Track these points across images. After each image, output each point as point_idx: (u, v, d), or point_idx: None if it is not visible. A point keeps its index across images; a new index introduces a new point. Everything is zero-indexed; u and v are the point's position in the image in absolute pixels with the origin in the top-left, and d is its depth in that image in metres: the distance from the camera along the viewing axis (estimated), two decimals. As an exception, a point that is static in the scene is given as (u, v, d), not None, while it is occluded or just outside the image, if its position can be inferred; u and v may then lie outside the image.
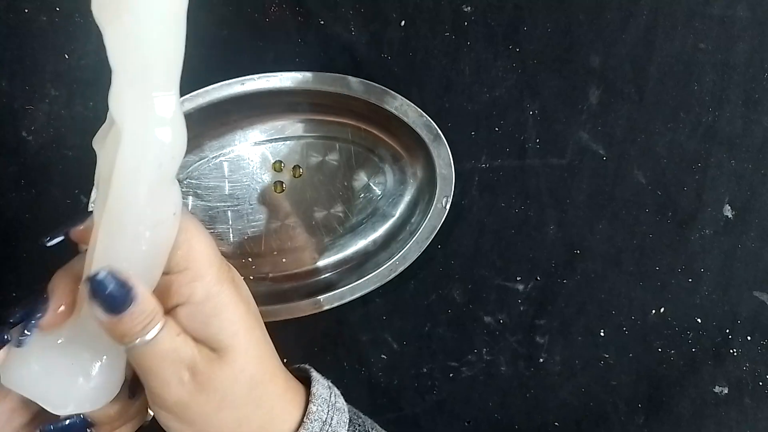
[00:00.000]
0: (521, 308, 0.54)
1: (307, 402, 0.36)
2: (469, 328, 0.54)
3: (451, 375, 0.55)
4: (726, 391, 0.55)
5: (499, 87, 0.52)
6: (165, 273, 0.32)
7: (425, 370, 0.55)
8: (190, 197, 0.52)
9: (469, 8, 0.52)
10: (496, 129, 0.53)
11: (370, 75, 0.49)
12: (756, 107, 0.53)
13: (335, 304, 0.51)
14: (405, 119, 0.49)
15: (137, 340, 0.31)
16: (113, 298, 0.30)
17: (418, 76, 0.52)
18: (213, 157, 0.52)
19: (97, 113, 0.51)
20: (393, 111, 0.49)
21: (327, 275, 0.53)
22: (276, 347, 0.37)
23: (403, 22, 0.51)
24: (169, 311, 0.33)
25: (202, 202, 0.52)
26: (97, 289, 0.30)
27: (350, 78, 0.49)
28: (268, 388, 0.35)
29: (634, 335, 0.54)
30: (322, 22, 0.51)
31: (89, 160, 0.51)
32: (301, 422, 0.35)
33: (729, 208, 0.54)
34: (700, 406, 0.55)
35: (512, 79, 0.52)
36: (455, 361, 0.55)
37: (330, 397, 0.37)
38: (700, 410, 0.55)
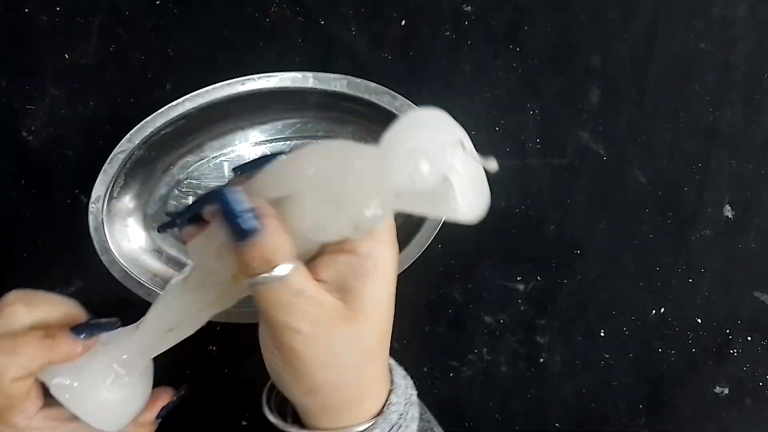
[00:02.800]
0: (521, 308, 0.54)
1: (389, 389, 0.36)
2: (469, 328, 0.54)
3: (451, 375, 0.55)
4: (726, 392, 0.55)
5: (500, 87, 0.52)
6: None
7: (425, 369, 0.55)
8: (191, 197, 0.52)
9: (469, 8, 0.52)
10: (497, 129, 0.53)
11: (370, 75, 0.49)
12: (756, 107, 0.53)
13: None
14: (405, 119, 0.49)
15: (260, 276, 0.30)
16: (240, 220, 0.30)
17: (418, 75, 0.52)
18: (213, 157, 0.52)
19: (98, 113, 0.51)
20: (393, 111, 0.49)
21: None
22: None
23: (403, 22, 0.52)
24: (329, 254, 0.33)
25: (203, 202, 0.52)
26: (226, 206, 0.30)
27: (350, 78, 0.49)
28: (374, 364, 0.34)
29: (634, 335, 0.54)
30: (322, 22, 0.51)
31: (90, 160, 0.51)
32: (382, 410, 0.35)
33: (729, 208, 0.54)
34: (700, 406, 0.55)
35: (513, 79, 0.52)
36: (455, 361, 0.55)
37: (407, 388, 0.37)
38: (700, 410, 0.55)
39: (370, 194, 0.30)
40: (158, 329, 0.35)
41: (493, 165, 0.31)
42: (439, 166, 0.29)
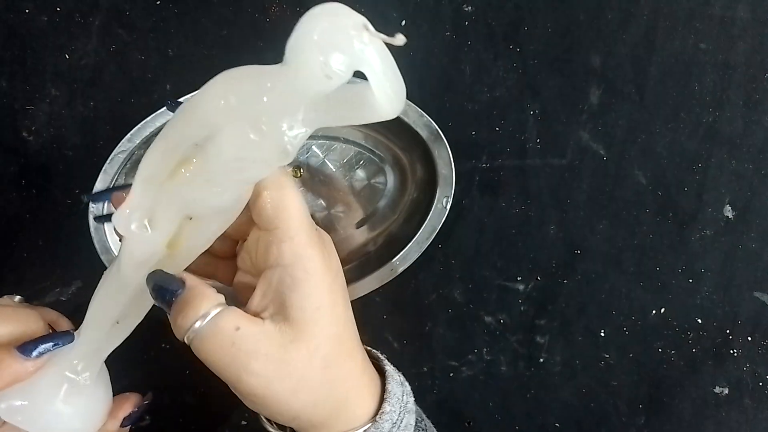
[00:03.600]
0: (521, 308, 0.54)
1: (382, 395, 0.35)
2: (469, 328, 0.54)
3: (451, 375, 0.55)
4: (726, 392, 0.55)
5: (500, 87, 0.52)
6: (256, 228, 0.32)
7: (425, 369, 0.55)
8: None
9: (469, 8, 0.52)
10: (497, 129, 0.53)
11: (370, 75, 0.49)
12: (756, 107, 0.53)
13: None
14: (405, 119, 0.49)
15: (192, 329, 0.30)
16: (162, 290, 0.30)
17: (418, 75, 0.52)
18: (213, 157, 0.52)
19: (98, 113, 0.51)
20: (393, 111, 0.49)
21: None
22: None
23: (403, 22, 0.52)
24: (259, 275, 0.32)
25: (203, 202, 0.52)
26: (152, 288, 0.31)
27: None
28: (343, 369, 0.33)
29: (634, 335, 0.54)
30: (322, 22, 0.51)
31: (90, 160, 0.51)
32: (374, 418, 0.34)
33: (729, 208, 0.54)
34: (700, 406, 0.55)
35: (512, 79, 0.52)
36: (455, 361, 0.55)
37: (402, 396, 0.36)
38: (700, 410, 0.55)
39: (289, 111, 0.29)
40: (103, 324, 0.33)
41: (400, 39, 0.29)
42: (349, 53, 0.28)
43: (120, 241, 0.33)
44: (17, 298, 0.37)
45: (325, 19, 0.28)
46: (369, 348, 0.38)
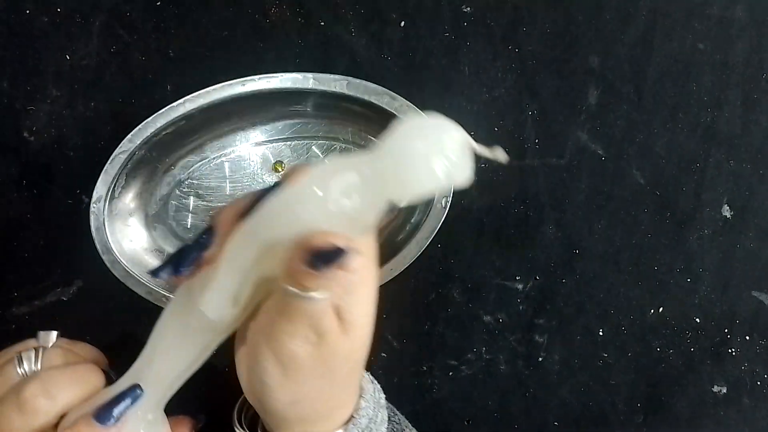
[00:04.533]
0: (520, 307, 0.54)
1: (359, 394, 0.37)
2: (468, 327, 0.54)
3: (450, 374, 0.55)
4: (724, 391, 0.55)
5: (499, 87, 0.52)
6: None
7: (425, 368, 0.55)
8: (192, 197, 0.52)
9: (468, 8, 0.52)
10: (496, 129, 0.53)
11: (370, 75, 0.49)
12: (754, 107, 0.53)
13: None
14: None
15: (313, 293, 0.30)
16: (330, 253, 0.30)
17: (417, 76, 0.52)
18: (214, 158, 0.52)
19: (99, 113, 0.51)
20: (393, 111, 0.49)
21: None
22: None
23: (402, 23, 0.52)
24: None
25: (204, 203, 0.52)
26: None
27: (350, 78, 0.49)
28: (356, 375, 0.35)
29: (632, 335, 0.55)
30: (322, 23, 0.52)
31: (91, 161, 0.51)
32: (351, 416, 0.36)
33: (728, 208, 0.54)
34: (698, 405, 0.55)
35: (511, 80, 0.52)
36: (455, 360, 0.55)
37: (374, 392, 0.38)
38: (698, 410, 0.55)
39: (375, 202, 0.31)
40: (169, 377, 0.34)
41: (501, 156, 0.31)
42: (452, 164, 0.30)
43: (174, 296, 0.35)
44: (53, 334, 0.37)
45: (436, 132, 0.31)
46: None
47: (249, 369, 0.34)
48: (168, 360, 0.34)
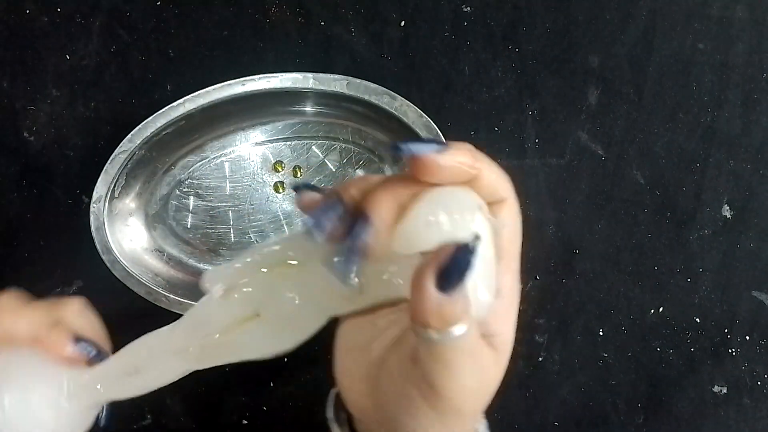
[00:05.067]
0: (520, 307, 0.54)
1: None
2: (468, 328, 0.54)
3: (450, 374, 0.55)
4: (725, 391, 0.55)
5: (499, 87, 0.52)
6: None
7: (425, 369, 0.55)
8: (192, 197, 0.52)
9: (468, 8, 0.52)
10: (496, 129, 0.53)
11: (370, 75, 0.49)
12: (755, 107, 0.53)
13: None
14: (405, 119, 0.49)
15: (437, 333, 0.25)
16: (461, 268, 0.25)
17: (417, 76, 0.52)
18: (214, 158, 0.52)
19: (99, 113, 0.52)
20: (393, 111, 0.49)
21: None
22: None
23: (402, 23, 0.52)
24: None
25: (204, 203, 0.52)
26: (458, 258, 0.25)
27: (350, 78, 0.49)
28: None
29: (633, 335, 0.55)
30: (322, 23, 0.52)
31: (91, 160, 0.51)
32: None
33: (728, 208, 0.54)
34: (699, 405, 0.55)
35: (511, 79, 0.52)
36: (455, 360, 0.55)
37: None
38: (699, 410, 0.55)
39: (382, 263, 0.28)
40: (123, 364, 0.32)
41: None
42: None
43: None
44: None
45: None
46: None
47: (380, 416, 0.31)
48: (126, 353, 0.33)
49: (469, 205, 0.27)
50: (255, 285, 0.30)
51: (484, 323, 0.28)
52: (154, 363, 0.32)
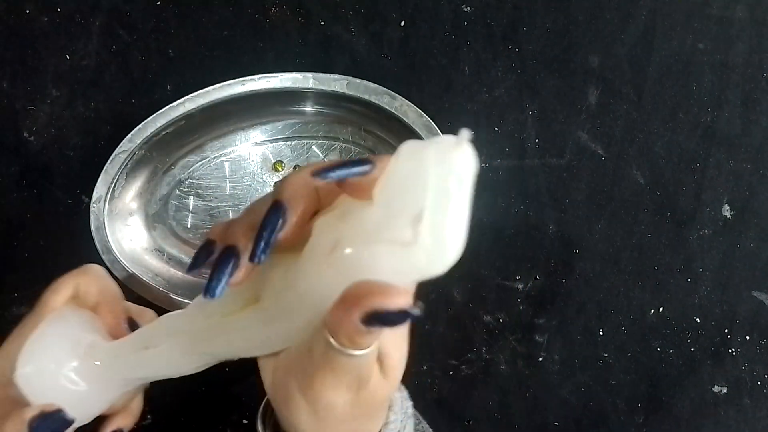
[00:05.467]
0: (520, 307, 0.54)
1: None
2: (468, 327, 0.54)
3: (450, 373, 0.55)
4: (725, 391, 0.55)
5: (499, 87, 0.52)
6: None
7: (425, 368, 0.55)
8: (192, 197, 0.52)
9: (468, 8, 0.52)
10: (496, 129, 0.53)
11: (370, 75, 0.49)
12: (754, 107, 0.53)
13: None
14: (405, 119, 0.49)
15: (350, 350, 0.27)
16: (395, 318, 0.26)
17: (417, 76, 0.52)
18: (214, 157, 0.52)
19: (99, 113, 0.51)
20: (393, 111, 0.49)
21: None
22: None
23: (402, 23, 0.52)
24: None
25: (204, 202, 0.52)
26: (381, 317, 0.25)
27: (350, 78, 0.49)
28: (387, 406, 0.34)
29: (633, 334, 0.55)
30: (322, 23, 0.52)
31: (91, 160, 0.51)
32: (380, 429, 0.34)
33: (728, 207, 0.54)
34: (699, 405, 0.55)
35: (511, 79, 0.52)
36: (455, 360, 0.55)
37: (402, 402, 0.36)
38: (699, 409, 0.55)
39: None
40: (136, 341, 0.33)
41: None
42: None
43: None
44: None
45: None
46: None
47: (280, 408, 0.32)
48: (150, 328, 0.34)
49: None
50: (255, 275, 0.30)
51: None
52: (163, 341, 0.33)
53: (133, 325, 0.35)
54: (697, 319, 0.55)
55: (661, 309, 0.55)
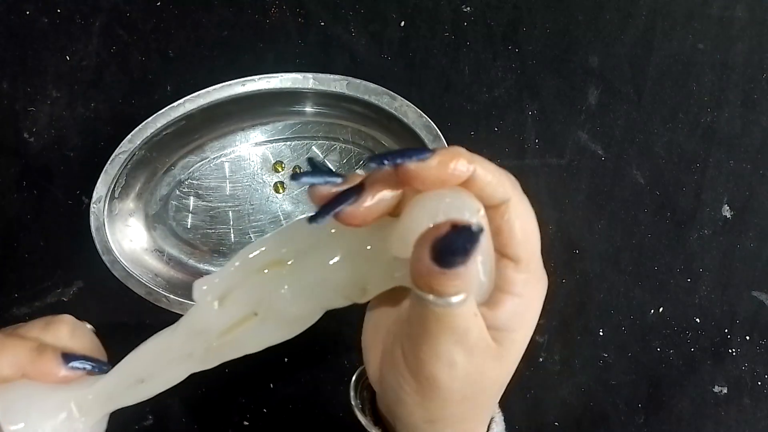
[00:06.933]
0: (521, 308, 0.54)
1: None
2: (468, 328, 0.54)
3: (451, 374, 0.55)
4: (725, 391, 0.55)
5: (499, 87, 0.52)
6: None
7: (425, 369, 0.55)
8: (192, 198, 0.52)
9: (468, 8, 0.52)
10: (496, 129, 0.53)
11: (370, 75, 0.49)
12: (754, 107, 0.53)
13: (335, 304, 0.52)
14: (405, 120, 0.49)
15: (445, 299, 0.26)
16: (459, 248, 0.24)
17: (417, 76, 0.52)
18: (214, 158, 0.52)
19: (99, 114, 0.52)
20: (393, 112, 0.49)
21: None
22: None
23: (402, 23, 0.52)
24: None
25: (204, 203, 0.52)
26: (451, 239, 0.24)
27: (350, 79, 0.49)
28: (497, 399, 0.32)
29: (633, 335, 0.55)
30: (322, 23, 0.52)
31: (91, 161, 0.51)
32: None
33: (728, 208, 0.54)
34: (699, 405, 0.55)
35: (511, 79, 0.52)
36: (455, 361, 0.55)
37: (499, 419, 0.35)
38: (699, 410, 0.55)
39: (381, 258, 0.28)
40: (128, 377, 0.33)
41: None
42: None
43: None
44: (89, 327, 0.37)
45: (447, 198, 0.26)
46: None
47: (382, 379, 0.31)
48: (132, 362, 0.33)
49: (467, 207, 0.27)
50: (248, 288, 0.30)
51: (494, 316, 0.28)
52: (158, 371, 0.32)
53: (70, 359, 0.33)
54: (697, 319, 0.55)
55: (661, 309, 0.55)
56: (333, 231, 0.29)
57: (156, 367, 0.32)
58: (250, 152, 0.52)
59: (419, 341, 0.27)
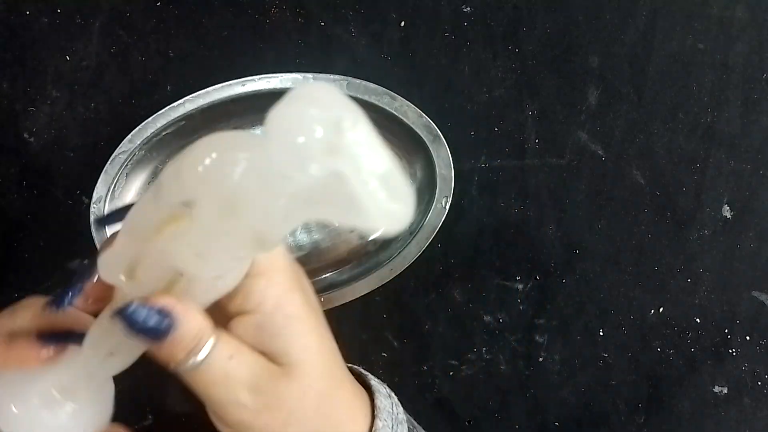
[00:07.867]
0: (521, 307, 0.54)
1: (373, 413, 0.34)
2: (468, 327, 0.54)
3: (451, 373, 0.55)
4: (725, 391, 0.55)
5: (499, 87, 0.52)
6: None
7: (425, 368, 0.55)
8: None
9: (468, 8, 0.52)
10: (496, 129, 0.53)
11: (370, 75, 0.49)
12: (754, 107, 0.53)
13: (336, 304, 0.52)
14: (405, 120, 0.49)
15: (188, 363, 0.28)
16: (150, 329, 0.27)
17: (417, 76, 0.52)
18: (214, 158, 0.52)
19: (99, 114, 0.51)
20: (393, 111, 0.49)
21: (328, 275, 0.54)
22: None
23: (402, 23, 0.52)
24: (231, 318, 0.30)
25: (203, 203, 0.52)
26: (131, 322, 0.27)
27: (350, 78, 0.49)
28: (335, 400, 0.32)
29: (633, 335, 0.55)
30: (322, 23, 0.52)
31: (91, 161, 0.51)
32: None
33: (728, 208, 0.54)
34: (699, 405, 0.55)
35: (511, 80, 0.52)
36: (455, 360, 0.55)
37: (392, 408, 0.35)
38: (699, 410, 0.55)
39: (266, 195, 0.25)
40: (99, 353, 0.31)
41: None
42: (329, 143, 0.23)
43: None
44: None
45: (311, 103, 0.24)
46: (350, 365, 0.37)
47: None
48: (95, 338, 0.32)
49: None
50: (152, 257, 0.29)
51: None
52: (123, 348, 0.32)
53: (44, 339, 0.31)
54: (697, 319, 0.55)
55: (661, 309, 0.55)
56: (199, 170, 0.26)
57: (115, 342, 0.32)
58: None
59: (206, 401, 0.30)
